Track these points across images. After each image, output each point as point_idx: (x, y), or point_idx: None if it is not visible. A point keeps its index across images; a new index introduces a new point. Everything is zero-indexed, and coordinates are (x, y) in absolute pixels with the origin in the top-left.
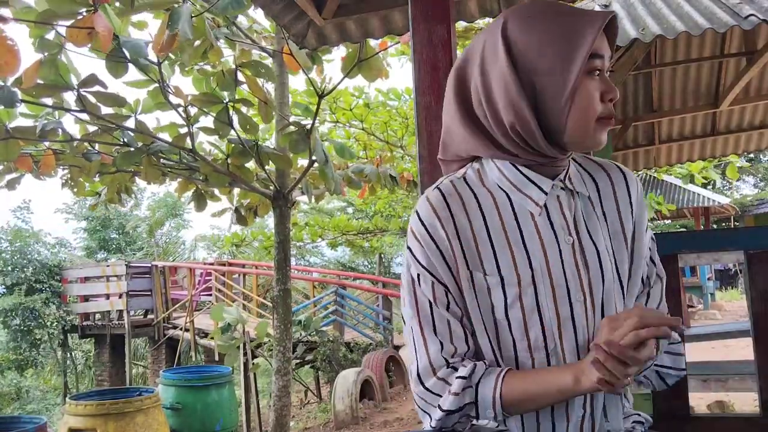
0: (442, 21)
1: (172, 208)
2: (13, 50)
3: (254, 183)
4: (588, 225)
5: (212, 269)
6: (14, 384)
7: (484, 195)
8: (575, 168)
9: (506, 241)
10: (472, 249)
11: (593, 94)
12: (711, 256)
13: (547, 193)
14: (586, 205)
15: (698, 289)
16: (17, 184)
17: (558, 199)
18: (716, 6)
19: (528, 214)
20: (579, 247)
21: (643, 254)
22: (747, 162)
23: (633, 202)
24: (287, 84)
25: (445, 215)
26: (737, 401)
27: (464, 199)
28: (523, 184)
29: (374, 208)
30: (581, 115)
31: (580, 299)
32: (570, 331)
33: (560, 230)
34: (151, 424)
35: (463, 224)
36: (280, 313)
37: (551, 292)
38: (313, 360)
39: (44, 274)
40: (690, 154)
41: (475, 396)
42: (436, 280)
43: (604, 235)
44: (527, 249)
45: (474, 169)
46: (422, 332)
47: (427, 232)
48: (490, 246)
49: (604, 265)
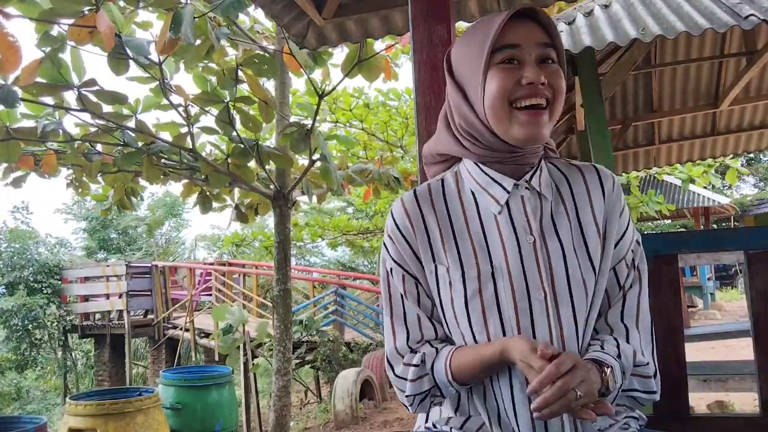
0: (442, 21)
1: (171, 208)
2: (14, 47)
3: (255, 183)
4: (557, 224)
5: (212, 269)
6: (14, 384)
7: (454, 197)
8: (549, 171)
9: (469, 238)
10: (437, 245)
11: (503, 82)
12: (711, 256)
13: (509, 192)
14: (557, 206)
15: (698, 289)
16: (23, 182)
17: (522, 200)
18: (716, 6)
19: (491, 214)
20: (542, 246)
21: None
22: (746, 166)
23: (605, 196)
24: (288, 84)
25: (414, 214)
26: (737, 401)
27: (434, 201)
28: (488, 184)
29: (374, 208)
30: (492, 102)
31: (540, 297)
32: (528, 324)
33: (521, 229)
34: (151, 424)
35: (431, 222)
36: (280, 313)
37: (510, 287)
38: (313, 360)
39: (44, 274)
40: (690, 154)
41: (433, 380)
42: (407, 273)
43: (575, 234)
44: (488, 246)
45: (452, 172)
46: (392, 322)
47: (399, 229)
48: (454, 243)
49: (569, 262)
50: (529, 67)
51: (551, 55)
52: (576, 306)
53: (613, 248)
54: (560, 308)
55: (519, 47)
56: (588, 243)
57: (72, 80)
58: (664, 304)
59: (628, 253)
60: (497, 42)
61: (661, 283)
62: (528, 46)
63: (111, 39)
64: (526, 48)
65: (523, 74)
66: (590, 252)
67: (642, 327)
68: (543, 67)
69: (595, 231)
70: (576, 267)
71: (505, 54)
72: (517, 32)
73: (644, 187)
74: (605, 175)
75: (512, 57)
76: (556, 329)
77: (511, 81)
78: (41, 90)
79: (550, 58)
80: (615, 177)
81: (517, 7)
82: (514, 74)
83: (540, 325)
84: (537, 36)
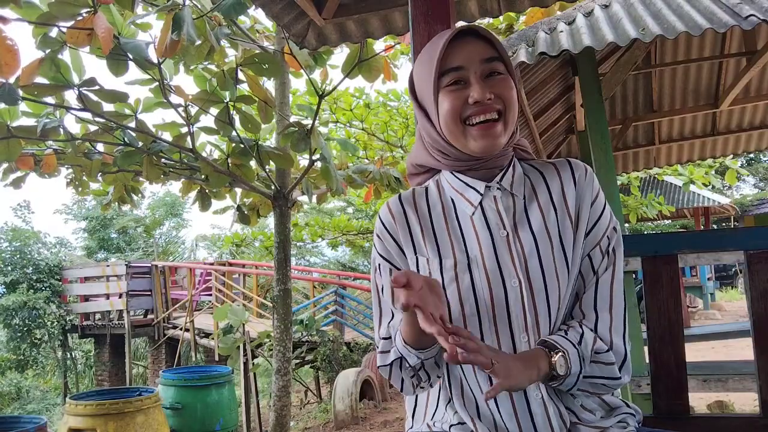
0: (442, 21)
1: (171, 208)
2: (13, 50)
3: (255, 183)
4: (530, 218)
5: (212, 269)
6: (14, 384)
7: (436, 201)
8: (525, 170)
9: (447, 234)
10: (419, 239)
11: (451, 104)
12: (711, 256)
13: (482, 194)
14: (531, 201)
15: (698, 289)
16: (22, 182)
17: (495, 199)
18: (716, 6)
19: (467, 215)
20: (515, 239)
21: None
22: (746, 166)
23: (576, 185)
24: (288, 84)
25: (398, 213)
26: (737, 401)
27: (417, 202)
28: (463, 189)
29: (374, 208)
30: (445, 123)
31: (515, 284)
32: (503, 311)
33: (494, 225)
34: (151, 424)
35: (413, 220)
36: (280, 313)
37: (485, 276)
38: (313, 360)
39: (44, 274)
40: (690, 154)
41: (398, 351)
42: (393, 266)
43: (550, 226)
44: (465, 240)
45: (435, 181)
46: (380, 314)
47: (385, 228)
48: (433, 236)
49: (541, 252)
50: (475, 85)
51: (497, 68)
52: (549, 293)
53: (585, 235)
54: (534, 295)
55: (462, 69)
56: (562, 234)
57: (72, 80)
58: (664, 304)
59: (603, 239)
60: (443, 65)
61: (661, 283)
62: (472, 65)
63: (109, 42)
64: (470, 67)
65: (470, 94)
66: (564, 242)
67: (615, 312)
68: (489, 82)
69: (569, 222)
70: (549, 256)
71: (451, 77)
72: (461, 53)
73: (644, 188)
74: (577, 165)
75: (458, 78)
76: (531, 315)
77: (459, 101)
78: (42, 91)
79: (496, 71)
80: (588, 167)
81: (457, 29)
82: (462, 94)
83: (515, 312)
84: (480, 52)
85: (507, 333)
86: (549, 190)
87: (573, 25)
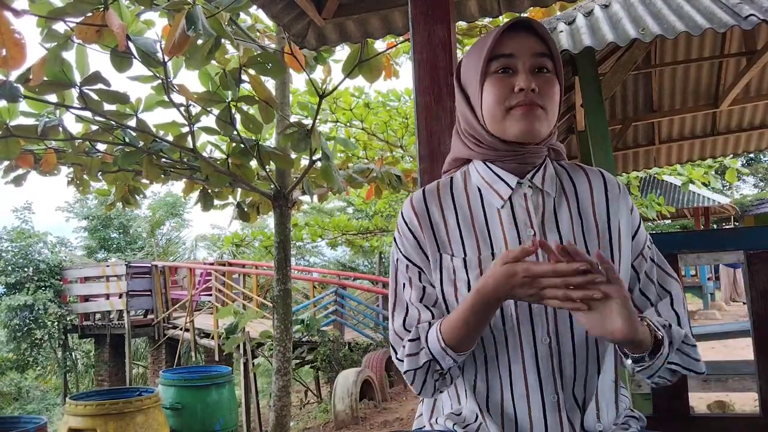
0: (442, 21)
1: (172, 208)
2: (20, 44)
3: (255, 182)
4: (558, 219)
5: (212, 269)
6: (14, 384)
7: (461, 193)
8: (554, 172)
9: (473, 231)
10: (443, 237)
11: (497, 90)
12: (711, 256)
13: (512, 189)
14: (560, 202)
15: (698, 289)
16: (23, 180)
17: (525, 196)
18: (716, 6)
19: (495, 209)
20: (541, 239)
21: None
22: (746, 166)
23: (609, 200)
24: (288, 84)
25: (421, 210)
26: (737, 401)
27: (441, 195)
28: (494, 180)
29: (374, 208)
30: (489, 108)
31: None
32: (526, 311)
33: (522, 224)
34: (151, 424)
35: (437, 219)
36: (280, 313)
37: None
38: (313, 360)
39: (45, 274)
40: (690, 154)
41: (429, 353)
42: (412, 264)
43: (576, 229)
44: (491, 237)
45: (462, 171)
46: (394, 307)
47: (406, 225)
48: (459, 235)
49: None
50: (522, 75)
51: (546, 64)
52: None
53: (631, 240)
54: None
55: (513, 56)
56: (587, 240)
57: (74, 78)
58: None
59: (645, 249)
60: (493, 52)
61: None
62: (522, 55)
63: (123, 38)
64: (520, 57)
65: (517, 82)
66: (588, 247)
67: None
68: (536, 76)
69: (594, 231)
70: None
71: (499, 63)
72: (513, 43)
73: (644, 187)
74: (610, 181)
75: (507, 66)
76: (552, 318)
77: (505, 88)
78: (44, 88)
79: (545, 68)
80: (621, 183)
81: (516, 18)
82: (508, 82)
83: (537, 311)
84: (532, 46)
85: (529, 333)
86: (577, 195)
87: (573, 25)
